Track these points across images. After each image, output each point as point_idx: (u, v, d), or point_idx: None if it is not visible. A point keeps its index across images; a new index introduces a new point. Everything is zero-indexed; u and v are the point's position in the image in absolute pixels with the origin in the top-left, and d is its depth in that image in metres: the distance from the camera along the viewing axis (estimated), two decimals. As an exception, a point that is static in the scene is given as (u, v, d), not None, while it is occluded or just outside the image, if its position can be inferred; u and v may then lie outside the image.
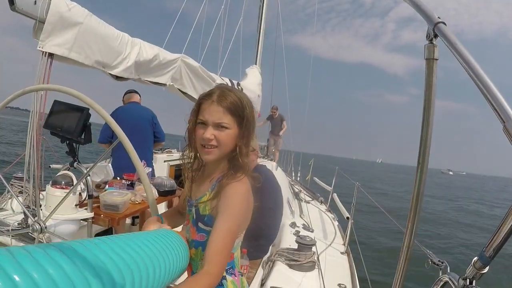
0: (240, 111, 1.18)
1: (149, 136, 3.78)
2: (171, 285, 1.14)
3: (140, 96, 3.93)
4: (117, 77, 2.87)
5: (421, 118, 0.98)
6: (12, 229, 2.23)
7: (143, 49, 2.99)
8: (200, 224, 1.24)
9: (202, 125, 1.19)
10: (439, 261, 1.22)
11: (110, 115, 1.70)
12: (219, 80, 4.24)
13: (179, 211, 1.53)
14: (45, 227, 1.84)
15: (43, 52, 2.22)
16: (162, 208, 4.38)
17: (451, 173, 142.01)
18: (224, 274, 1.23)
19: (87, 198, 2.04)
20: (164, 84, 3.44)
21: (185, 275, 1.32)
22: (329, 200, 5.83)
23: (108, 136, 3.55)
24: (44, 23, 2.17)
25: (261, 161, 5.57)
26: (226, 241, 1.11)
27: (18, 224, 2.27)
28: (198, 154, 1.29)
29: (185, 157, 1.33)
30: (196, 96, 3.92)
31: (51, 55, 2.25)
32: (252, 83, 5.49)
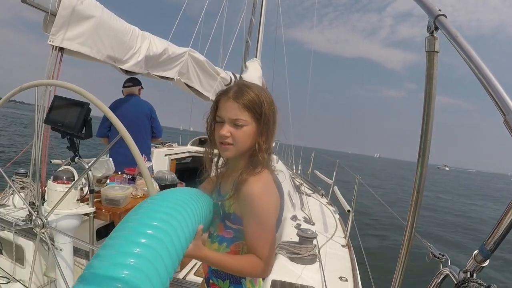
0: (258, 107, 1.16)
1: (147, 131, 3.71)
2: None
3: (141, 85, 3.80)
4: (126, 72, 2.85)
5: (418, 113, 0.98)
6: (15, 225, 2.24)
7: (152, 43, 2.95)
8: (227, 222, 1.25)
9: (220, 123, 1.19)
10: (439, 254, 1.22)
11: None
12: (223, 74, 4.24)
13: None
14: (47, 222, 1.85)
15: (53, 46, 2.17)
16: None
17: (447, 168, 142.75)
18: None
19: (88, 193, 2.04)
20: (172, 79, 3.43)
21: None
22: (330, 193, 5.84)
23: (106, 130, 3.53)
24: (55, 16, 2.12)
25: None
26: (264, 240, 1.15)
27: (23, 220, 2.28)
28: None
29: (207, 154, 1.34)
30: (201, 90, 3.92)
31: (61, 49, 2.21)
32: (252, 76, 5.47)
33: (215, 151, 1.32)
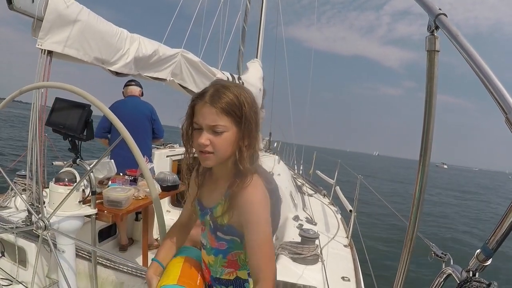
0: (237, 109, 1.07)
1: (147, 132, 3.71)
2: None
3: (141, 87, 3.82)
4: (117, 73, 2.88)
5: (416, 111, 0.98)
6: (16, 227, 2.24)
7: (142, 45, 2.98)
8: (219, 234, 1.20)
9: (198, 129, 1.10)
10: (442, 253, 1.22)
11: None
12: (219, 74, 4.23)
13: (184, 226, 1.46)
14: (49, 224, 1.85)
15: (42, 49, 2.22)
16: (165, 203, 4.39)
17: (445, 166, 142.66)
18: (247, 277, 1.24)
19: (90, 194, 2.05)
20: (164, 79, 3.43)
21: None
22: (331, 193, 5.83)
23: (104, 131, 3.53)
24: (42, 21, 2.18)
25: (262, 155, 5.58)
26: (266, 251, 1.08)
27: (23, 221, 2.29)
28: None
29: (186, 161, 1.27)
30: (196, 91, 3.90)
31: (50, 52, 2.26)
32: (253, 77, 5.47)
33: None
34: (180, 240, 1.43)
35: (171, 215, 4.38)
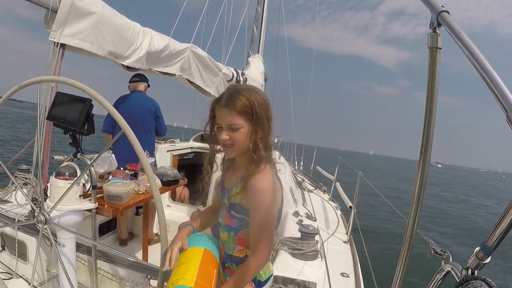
0: (249, 109, 1.28)
1: (150, 128, 3.72)
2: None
3: (147, 81, 3.83)
4: (128, 68, 2.85)
5: (412, 111, 0.98)
6: (18, 221, 2.25)
7: (154, 39, 2.96)
8: (232, 212, 1.40)
9: (219, 128, 1.35)
10: (441, 250, 1.23)
11: (112, 104, 1.70)
12: (225, 69, 4.23)
13: (214, 210, 1.66)
14: (50, 218, 1.85)
15: (54, 42, 2.19)
16: (165, 198, 4.40)
17: (439, 165, 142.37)
18: None
19: (91, 188, 2.05)
20: (174, 75, 3.43)
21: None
22: (332, 189, 5.83)
23: (111, 125, 3.53)
24: (56, 12, 2.14)
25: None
26: (264, 230, 1.29)
27: (26, 216, 2.29)
28: None
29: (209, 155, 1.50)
30: (203, 86, 3.92)
31: (63, 45, 2.22)
32: (255, 72, 5.46)
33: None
34: (211, 218, 1.67)
35: (171, 210, 4.39)
